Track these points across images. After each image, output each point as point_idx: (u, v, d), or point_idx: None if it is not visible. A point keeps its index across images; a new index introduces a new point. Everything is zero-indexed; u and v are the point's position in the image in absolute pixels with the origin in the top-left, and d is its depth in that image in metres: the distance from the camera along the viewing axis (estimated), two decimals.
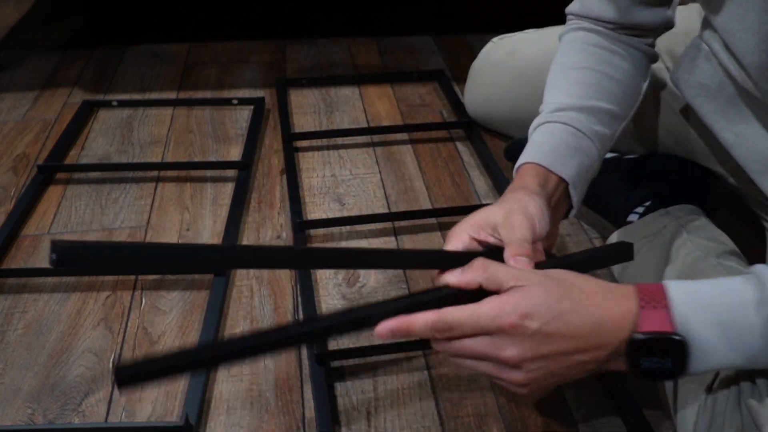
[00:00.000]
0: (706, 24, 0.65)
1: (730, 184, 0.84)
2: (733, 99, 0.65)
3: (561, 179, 0.63)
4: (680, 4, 0.88)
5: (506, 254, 0.53)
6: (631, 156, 0.94)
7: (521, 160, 0.64)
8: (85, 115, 1.17)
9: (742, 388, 0.56)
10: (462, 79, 1.18)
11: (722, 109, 0.66)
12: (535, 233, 0.56)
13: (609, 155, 0.95)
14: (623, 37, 0.72)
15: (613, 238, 0.85)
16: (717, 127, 0.68)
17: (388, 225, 0.93)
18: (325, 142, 1.11)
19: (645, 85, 0.74)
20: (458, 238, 0.56)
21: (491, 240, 0.56)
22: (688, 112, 0.87)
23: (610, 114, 0.68)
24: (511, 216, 0.56)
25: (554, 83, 0.70)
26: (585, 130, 0.65)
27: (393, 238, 0.91)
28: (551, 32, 1.00)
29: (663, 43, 0.89)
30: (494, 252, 0.56)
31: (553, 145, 0.64)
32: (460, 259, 0.54)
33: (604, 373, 0.71)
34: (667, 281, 0.49)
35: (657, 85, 0.89)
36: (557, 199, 0.63)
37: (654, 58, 0.75)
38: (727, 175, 0.84)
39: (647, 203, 0.86)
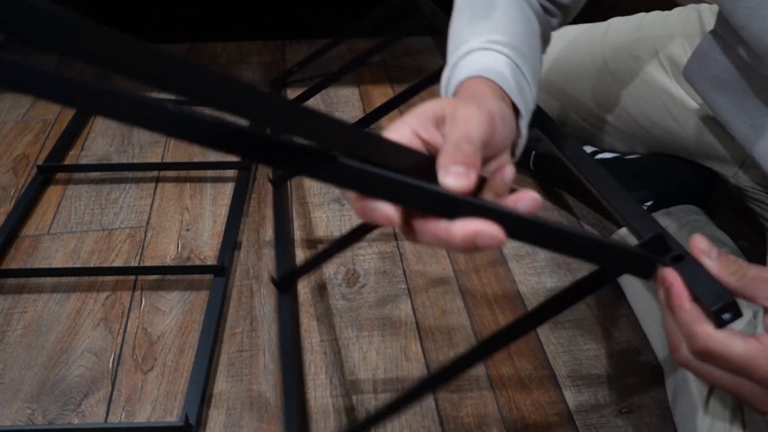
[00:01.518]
0: (722, 17, 0.65)
1: (730, 185, 0.84)
2: (750, 91, 0.64)
3: (514, 106, 0.48)
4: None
5: (438, 162, 0.35)
6: (632, 156, 0.94)
7: (461, 74, 0.48)
8: (84, 115, 1.17)
9: None
10: None
11: (740, 101, 0.65)
12: (494, 135, 0.38)
13: (609, 155, 0.95)
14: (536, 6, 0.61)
15: (615, 237, 0.85)
16: (734, 121, 0.66)
17: None
18: None
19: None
20: (397, 130, 0.37)
21: (437, 140, 0.37)
22: (688, 112, 0.87)
23: (535, 74, 0.54)
24: (460, 107, 0.38)
25: (479, 14, 0.55)
26: (526, 72, 0.51)
27: (393, 241, 0.91)
28: (562, 37, 1.00)
29: (661, 45, 0.89)
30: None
31: (501, 70, 0.49)
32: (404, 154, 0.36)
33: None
34: None
35: (656, 87, 0.89)
36: None
37: (546, 45, 0.64)
38: (727, 176, 0.84)
39: (648, 203, 0.86)
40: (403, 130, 0.37)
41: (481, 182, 0.36)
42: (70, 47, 0.28)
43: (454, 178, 0.33)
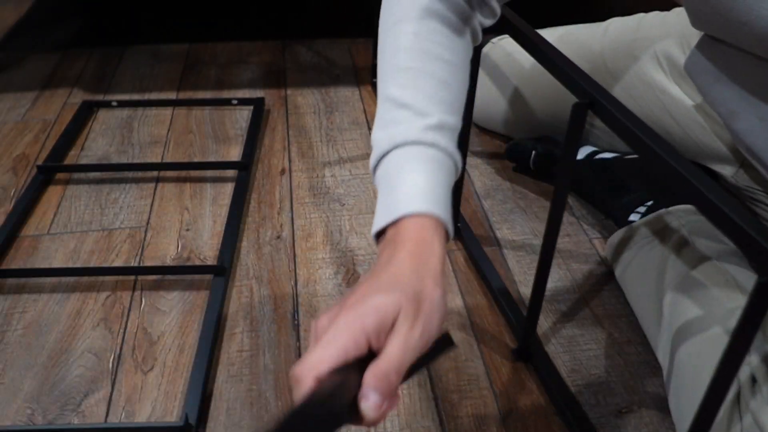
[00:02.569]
0: (711, 22, 0.65)
1: (730, 184, 0.84)
2: (759, 84, 0.63)
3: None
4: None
5: (364, 380, 0.38)
6: (632, 156, 0.94)
7: (412, 203, 0.46)
8: (84, 115, 1.17)
9: (743, 387, 0.56)
10: None
11: (746, 94, 0.64)
12: (423, 335, 0.40)
13: (610, 155, 0.95)
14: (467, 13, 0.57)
15: (615, 237, 0.85)
16: (740, 111, 0.65)
17: None
18: (324, 139, 1.11)
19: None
20: (335, 344, 0.38)
21: (378, 344, 0.39)
22: (688, 112, 0.87)
23: (459, 119, 0.54)
24: (402, 323, 0.39)
25: (422, 76, 0.52)
26: (458, 166, 0.51)
27: None
28: (550, 34, 1.00)
29: (660, 45, 0.89)
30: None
31: (441, 183, 0.48)
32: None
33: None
34: None
35: (656, 87, 0.90)
36: None
37: (470, 52, 0.59)
38: (727, 176, 0.84)
39: (649, 203, 0.86)
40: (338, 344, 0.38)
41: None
42: None
43: (372, 409, 0.37)
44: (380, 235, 0.47)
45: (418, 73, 0.52)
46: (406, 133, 0.49)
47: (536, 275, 0.67)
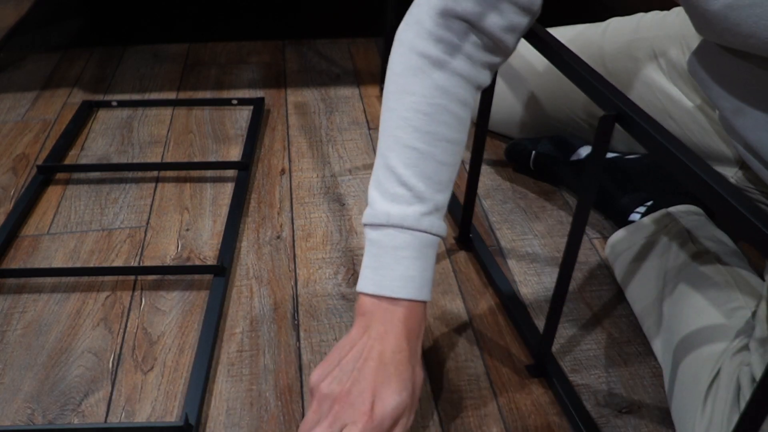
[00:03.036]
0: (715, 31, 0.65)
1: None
2: (764, 81, 0.63)
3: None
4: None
5: None
6: (632, 156, 0.94)
7: (409, 290, 0.57)
8: (84, 115, 1.17)
9: (743, 387, 0.56)
10: None
11: (754, 89, 0.64)
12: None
13: (611, 155, 0.95)
14: (465, 67, 0.59)
15: (615, 237, 0.85)
16: (746, 107, 0.65)
17: None
18: (324, 139, 1.11)
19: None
20: None
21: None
22: (687, 112, 0.87)
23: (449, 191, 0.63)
24: (405, 416, 0.55)
25: (425, 159, 0.58)
26: (444, 235, 0.59)
27: None
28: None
29: (659, 46, 0.89)
30: None
31: (430, 266, 0.59)
32: None
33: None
34: None
35: (655, 88, 0.90)
36: None
37: (470, 106, 0.62)
38: (727, 176, 0.84)
39: (649, 203, 0.86)
40: None
41: None
42: None
43: None
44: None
45: (422, 156, 0.58)
46: (404, 217, 0.56)
47: (555, 291, 0.65)
